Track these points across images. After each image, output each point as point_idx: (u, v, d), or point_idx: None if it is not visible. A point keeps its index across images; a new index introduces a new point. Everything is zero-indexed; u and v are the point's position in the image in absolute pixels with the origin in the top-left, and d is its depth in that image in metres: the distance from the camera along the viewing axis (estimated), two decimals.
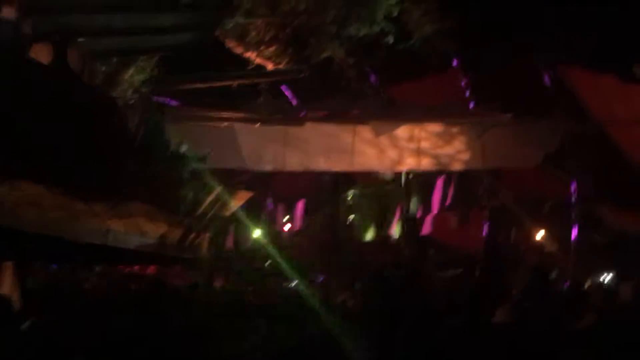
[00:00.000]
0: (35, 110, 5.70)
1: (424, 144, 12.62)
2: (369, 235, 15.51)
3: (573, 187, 12.59)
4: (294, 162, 12.89)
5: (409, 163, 13.09)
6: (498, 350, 3.65)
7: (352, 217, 16.22)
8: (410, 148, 12.78)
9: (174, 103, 12.26)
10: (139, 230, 7.72)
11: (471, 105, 13.69)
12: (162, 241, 8.27)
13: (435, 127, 12.53)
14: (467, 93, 14.04)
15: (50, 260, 11.49)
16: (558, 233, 13.24)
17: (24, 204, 5.45)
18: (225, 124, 12.34)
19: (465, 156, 12.94)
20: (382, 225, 15.34)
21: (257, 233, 15.71)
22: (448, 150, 12.98)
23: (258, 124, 12.46)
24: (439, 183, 14.88)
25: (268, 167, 13.90)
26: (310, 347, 3.92)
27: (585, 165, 12.39)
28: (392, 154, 13.09)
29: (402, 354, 3.61)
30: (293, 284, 15.60)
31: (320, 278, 14.78)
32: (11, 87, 5.47)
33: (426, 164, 13.04)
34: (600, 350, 4.11)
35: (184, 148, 9.19)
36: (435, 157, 13.01)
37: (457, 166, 13.44)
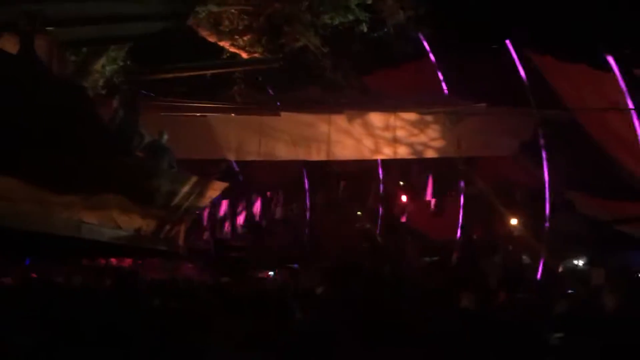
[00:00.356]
0: (3, 102, 5.57)
1: (400, 133, 12.66)
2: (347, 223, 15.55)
3: (546, 175, 12.76)
4: (269, 152, 12.84)
5: (385, 152, 13.14)
6: (473, 338, 3.68)
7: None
8: (386, 137, 12.82)
9: (146, 94, 12.08)
10: (113, 222, 7.63)
11: (446, 94, 13.77)
12: (136, 233, 8.19)
13: (410, 116, 12.58)
14: (442, 82, 14.12)
15: (23, 255, 11.29)
16: (531, 220, 13.41)
17: None
18: (200, 114, 12.23)
19: (440, 144, 13.03)
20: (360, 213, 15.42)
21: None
22: (423, 138, 13.05)
23: (233, 114, 12.37)
24: (415, 172, 14.98)
25: (244, 157, 13.85)
26: (289, 338, 3.91)
27: (557, 153, 12.55)
28: (368, 142, 13.12)
29: (379, 341, 3.62)
30: (271, 273, 15.63)
31: (295, 266, 14.82)
32: None
33: (402, 152, 13.10)
34: (573, 336, 4.16)
35: (158, 139, 9.11)
36: (411, 145, 13.08)
37: (432, 154, 13.54)
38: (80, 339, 3.85)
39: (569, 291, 8.92)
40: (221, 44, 10.93)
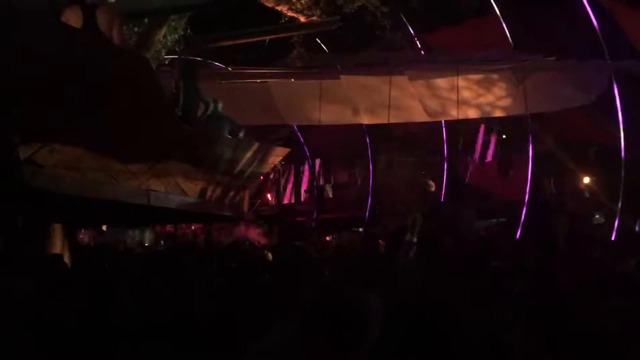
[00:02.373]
0: (69, 75, 5.75)
1: (464, 93, 12.28)
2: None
3: (621, 129, 12.12)
4: (330, 116, 12.77)
5: (450, 113, 12.80)
6: (537, 297, 3.56)
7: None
8: (450, 97, 12.48)
9: (208, 62, 12.24)
10: (179, 189, 7.83)
11: (512, 49, 13.20)
12: (202, 200, 8.38)
13: (474, 74, 12.16)
14: (508, 37, 13.53)
15: (96, 222, 11.81)
16: (605, 178, 12.84)
17: (63, 167, 5.57)
18: (260, 80, 12.28)
19: (507, 103, 12.58)
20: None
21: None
22: (489, 97, 12.62)
23: (293, 79, 12.36)
24: (481, 131, 14.58)
25: (304, 122, 13.87)
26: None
27: (633, 106, 11.88)
28: (432, 104, 12.82)
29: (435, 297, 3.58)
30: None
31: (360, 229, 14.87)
32: (45, 52, 5.51)
33: (467, 112, 12.74)
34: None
35: (219, 106, 9.21)
36: (476, 105, 12.69)
37: (499, 113, 13.11)
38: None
39: None
40: (279, 8, 10.87)
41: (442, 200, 13.72)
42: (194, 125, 8.72)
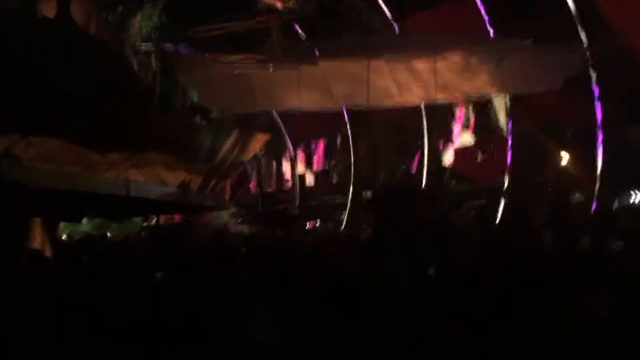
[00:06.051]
0: (45, 66, 5.67)
1: (442, 75, 12.31)
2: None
3: (598, 110, 12.25)
4: (310, 102, 12.73)
5: (429, 95, 12.84)
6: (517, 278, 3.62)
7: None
8: (427, 80, 12.51)
9: (184, 50, 12.09)
10: (159, 179, 7.77)
11: (489, 33, 13.24)
12: (183, 189, 8.33)
13: (452, 57, 12.19)
14: (485, 21, 13.55)
15: (78, 216, 11.69)
16: (583, 157, 12.98)
17: (40, 159, 5.50)
18: (239, 68, 12.19)
19: (485, 85, 12.65)
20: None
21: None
22: (467, 80, 12.69)
23: (271, 66, 12.28)
24: (460, 114, 14.64)
25: (284, 109, 13.81)
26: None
27: (610, 87, 12.00)
28: (411, 87, 12.84)
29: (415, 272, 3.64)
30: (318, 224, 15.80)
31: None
32: (21, 43, 5.43)
33: (445, 95, 12.78)
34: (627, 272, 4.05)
35: (196, 95, 9.16)
36: (455, 88, 12.75)
37: (477, 95, 13.19)
38: None
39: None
40: None
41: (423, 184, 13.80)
42: (173, 114, 8.66)
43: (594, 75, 11.88)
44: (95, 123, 6.22)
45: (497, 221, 11.47)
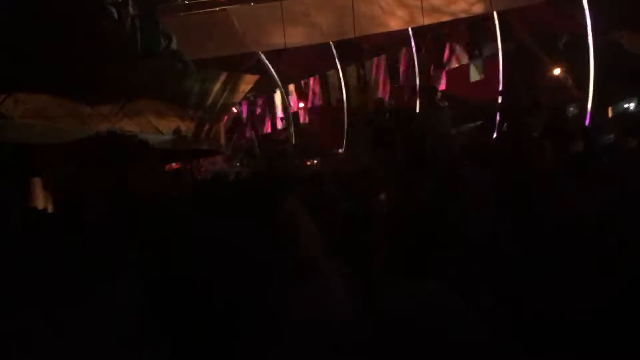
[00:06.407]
0: (27, 20, 5.52)
1: None
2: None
3: (587, 16, 12.02)
4: (295, 38, 12.50)
5: (416, 19, 12.61)
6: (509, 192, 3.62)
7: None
8: (414, 4, 12.27)
9: None
10: (152, 128, 7.73)
11: None
12: (178, 136, 8.29)
13: None
14: None
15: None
16: (577, 67, 12.84)
17: (31, 116, 5.44)
18: (219, 8, 11.91)
19: (473, 2, 12.42)
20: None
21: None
22: (454, 1, 12.45)
23: (252, 3, 12.00)
24: (450, 35, 14.41)
25: (269, 47, 13.57)
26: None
27: None
28: (397, 11, 12.60)
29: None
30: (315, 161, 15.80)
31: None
32: None
33: (432, 17, 12.56)
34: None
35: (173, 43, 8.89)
36: (442, 8, 12.52)
37: (464, 14, 12.95)
38: None
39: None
40: None
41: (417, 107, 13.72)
42: (158, 60, 8.50)
43: None
44: (82, 75, 6.12)
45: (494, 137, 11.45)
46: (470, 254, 2.87)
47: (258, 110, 18.33)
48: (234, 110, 15.57)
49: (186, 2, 11.67)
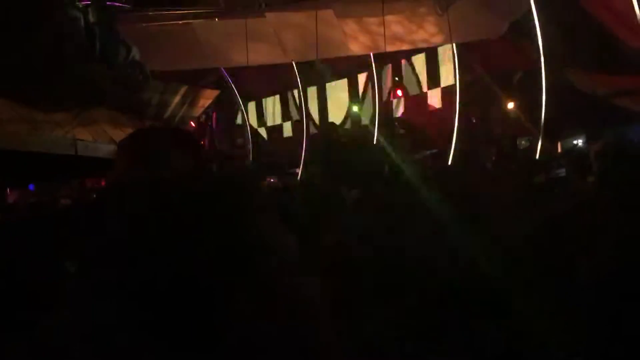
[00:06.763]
0: None
1: (389, 25, 12.30)
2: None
3: (540, 54, 12.48)
4: (258, 56, 12.53)
5: (378, 46, 12.84)
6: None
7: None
8: (375, 30, 12.49)
9: (126, 5, 11.66)
10: (107, 137, 7.60)
11: None
12: None
13: (400, 7, 12.18)
14: None
15: (24, 180, 11.34)
16: (529, 102, 13.27)
17: None
18: (183, 22, 11.87)
19: (433, 34, 12.75)
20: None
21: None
22: (414, 28, 12.76)
23: (217, 19, 12.00)
24: (408, 64, 14.74)
25: (232, 64, 13.58)
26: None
27: (552, 31, 12.21)
28: (358, 37, 12.82)
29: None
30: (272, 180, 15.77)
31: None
32: None
33: (394, 45, 12.81)
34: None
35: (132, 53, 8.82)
36: (403, 37, 12.80)
37: (424, 44, 13.29)
38: None
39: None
40: None
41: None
42: (117, 69, 8.41)
43: (536, 18, 12.06)
44: (37, 81, 6.01)
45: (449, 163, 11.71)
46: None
47: (217, 126, 18.26)
48: (192, 124, 15.48)
49: (149, 13, 11.57)
